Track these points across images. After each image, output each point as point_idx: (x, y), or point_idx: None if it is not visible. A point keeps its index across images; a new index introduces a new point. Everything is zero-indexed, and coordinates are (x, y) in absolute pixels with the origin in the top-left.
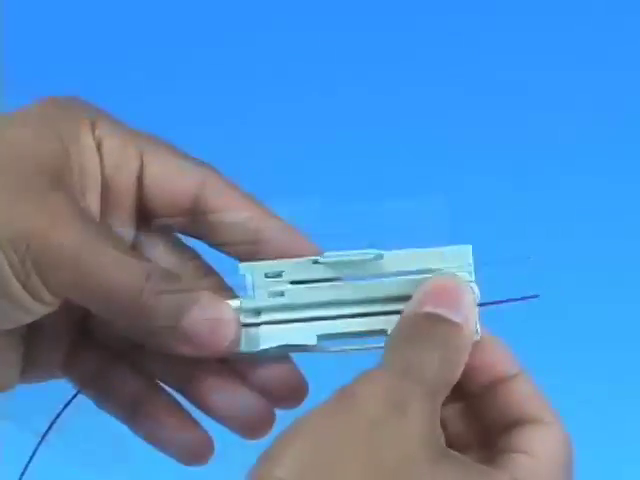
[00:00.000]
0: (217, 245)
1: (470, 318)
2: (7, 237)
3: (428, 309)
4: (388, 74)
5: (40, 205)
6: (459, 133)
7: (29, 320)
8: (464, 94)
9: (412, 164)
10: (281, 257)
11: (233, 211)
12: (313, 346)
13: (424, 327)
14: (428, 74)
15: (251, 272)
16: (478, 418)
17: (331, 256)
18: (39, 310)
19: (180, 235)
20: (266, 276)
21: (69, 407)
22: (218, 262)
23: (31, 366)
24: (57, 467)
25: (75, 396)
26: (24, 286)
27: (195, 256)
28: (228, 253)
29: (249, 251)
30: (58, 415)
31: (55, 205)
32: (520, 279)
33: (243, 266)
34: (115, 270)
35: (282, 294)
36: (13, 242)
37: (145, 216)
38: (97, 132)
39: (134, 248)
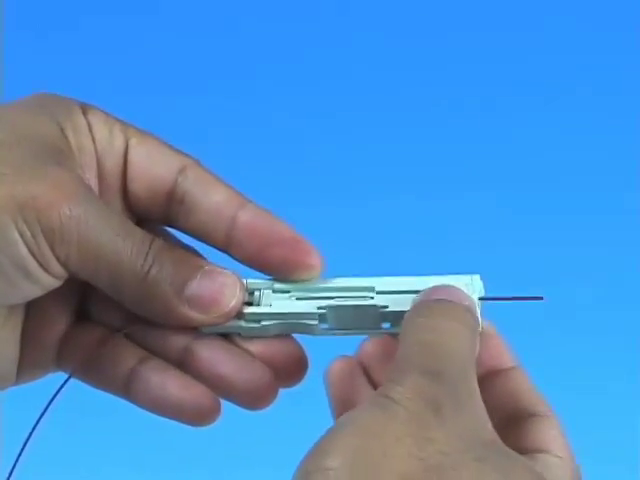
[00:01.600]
0: (192, 231)
1: (475, 309)
2: (16, 209)
3: (435, 296)
4: (389, 77)
5: (45, 178)
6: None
7: (38, 294)
8: (461, 97)
9: (413, 168)
10: (257, 242)
11: (209, 197)
12: (314, 327)
13: (432, 309)
14: (430, 77)
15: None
16: None
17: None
18: (47, 282)
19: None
20: (273, 291)
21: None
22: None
23: (27, 357)
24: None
25: (67, 381)
26: (35, 256)
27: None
28: (204, 240)
29: (225, 236)
30: (51, 400)
31: (58, 177)
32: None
33: (250, 282)
34: (120, 235)
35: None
36: (22, 213)
37: (127, 200)
38: (87, 117)
39: None
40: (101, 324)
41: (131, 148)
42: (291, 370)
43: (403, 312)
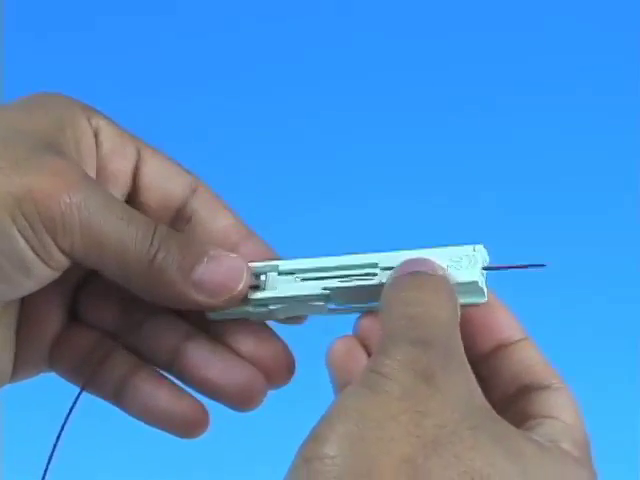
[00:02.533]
0: None
1: (448, 277)
2: (14, 203)
3: (409, 270)
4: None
5: (42, 169)
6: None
7: (34, 289)
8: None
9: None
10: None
11: (217, 221)
12: (322, 307)
13: (412, 282)
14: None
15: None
16: (483, 382)
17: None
18: (46, 275)
19: None
20: (279, 273)
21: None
22: None
23: (21, 355)
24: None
25: (80, 394)
26: (35, 250)
27: None
28: None
29: None
30: (68, 416)
31: (56, 166)
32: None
33: (256, 265)
34: (124, 220)
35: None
36: (21, 207)
37: (135, 207)
38: (93, 121)
39: None
40: (91, 326)
41: (145, 159)
42: (279, 371)
43: None
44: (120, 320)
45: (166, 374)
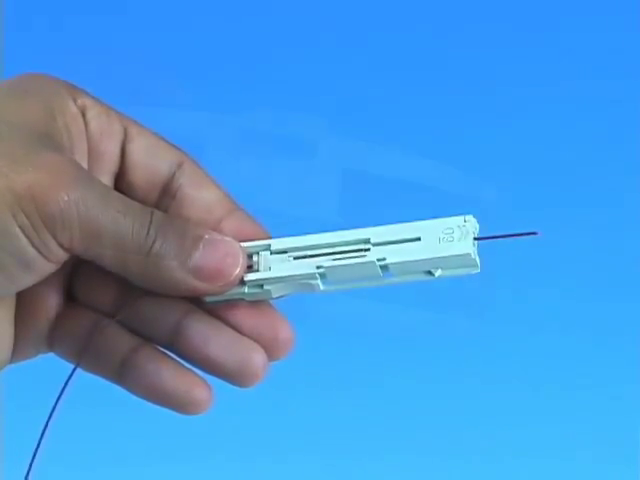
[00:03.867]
0: None
1: None
2: (14, 201)
3: None
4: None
5: (39, 166)
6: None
7: (36, 281)
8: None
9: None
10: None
11: (202, 195)
12: (316, 285)
13: None
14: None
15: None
16: None
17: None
18: (46, 269)
19: None
20: (271, 253)
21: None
22: None
23: (20, 336)
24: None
25: (74, 371)
26: (35, 247)
27: None
28: None
29: None
30: (61, 392)
31: (53, 163)
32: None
33: (248, 246)
34: (121, 212)
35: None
36: (21, 205)
37: (121, 187)
38: (79, 101)
39: None
40: (89, 306)
41: (132, 137)
42: (279, 344)
43: (401, 262)
44: (118, 299)
45: (167, 352)
